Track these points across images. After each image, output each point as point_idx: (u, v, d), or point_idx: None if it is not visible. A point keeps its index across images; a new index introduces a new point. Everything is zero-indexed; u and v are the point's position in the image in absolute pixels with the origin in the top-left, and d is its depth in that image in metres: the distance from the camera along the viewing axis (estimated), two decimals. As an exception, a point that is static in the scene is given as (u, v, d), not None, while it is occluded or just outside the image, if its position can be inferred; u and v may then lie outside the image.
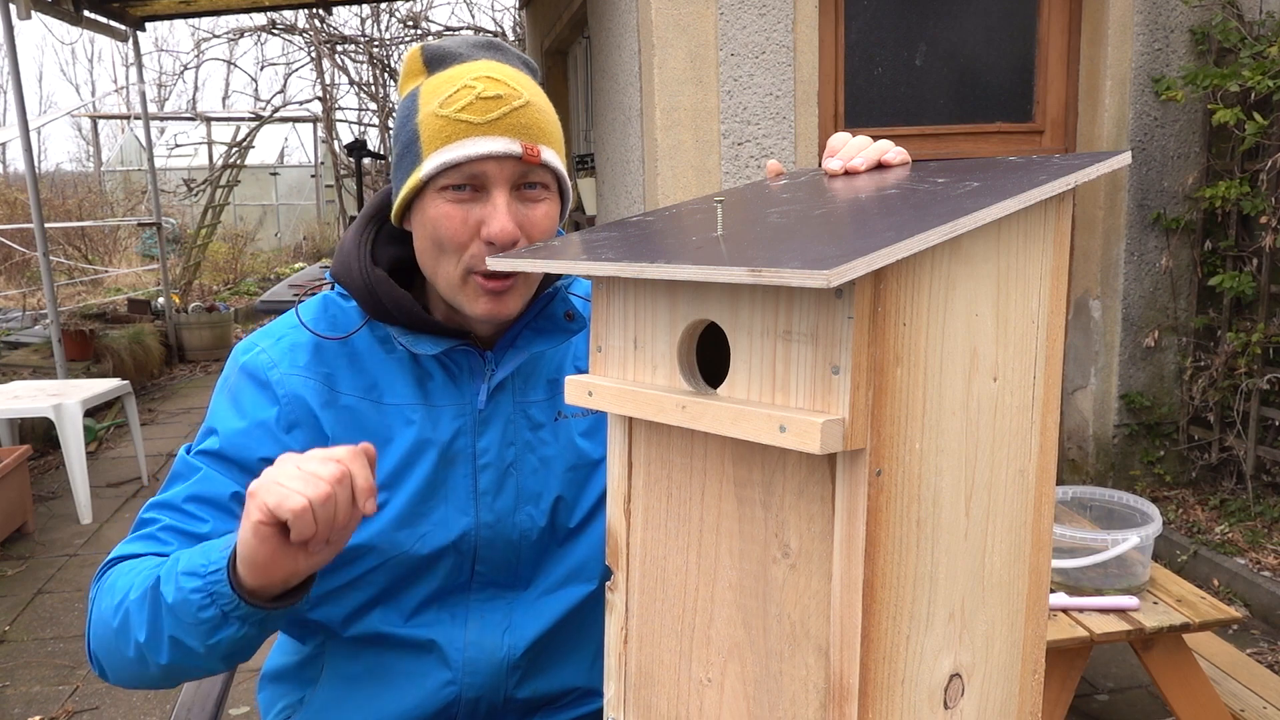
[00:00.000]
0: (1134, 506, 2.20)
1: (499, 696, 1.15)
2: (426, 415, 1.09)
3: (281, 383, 1.08)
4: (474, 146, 0.99)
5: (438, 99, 1.01)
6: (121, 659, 0.99)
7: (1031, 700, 0.78)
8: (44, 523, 4.35)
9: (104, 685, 2.96)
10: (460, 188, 1.01)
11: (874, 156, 0.84)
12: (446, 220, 1.01)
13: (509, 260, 0.77)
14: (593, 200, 5.31)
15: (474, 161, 1.00)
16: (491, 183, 1.01)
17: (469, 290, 1.04)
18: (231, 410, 1.09)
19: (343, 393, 1.09)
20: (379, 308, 1.07)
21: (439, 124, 1.00)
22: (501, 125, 1.00)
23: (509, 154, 1.00)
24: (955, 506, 0.67)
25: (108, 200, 13.73)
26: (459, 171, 1.00)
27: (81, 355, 6.40)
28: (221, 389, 1.13)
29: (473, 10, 24.62)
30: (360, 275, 1.08)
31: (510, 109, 1.01)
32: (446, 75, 1.03)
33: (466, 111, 0.99)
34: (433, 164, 1.00)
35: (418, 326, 1.08)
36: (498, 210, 1.01)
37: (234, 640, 0.92)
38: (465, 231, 1.02)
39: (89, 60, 39.88)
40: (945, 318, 0.64)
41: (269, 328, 1.15)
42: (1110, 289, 3.96)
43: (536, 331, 1.11)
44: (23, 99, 5.46)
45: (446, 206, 1.01)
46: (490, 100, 1.00)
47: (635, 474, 0.76)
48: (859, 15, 3.81)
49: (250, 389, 1.09)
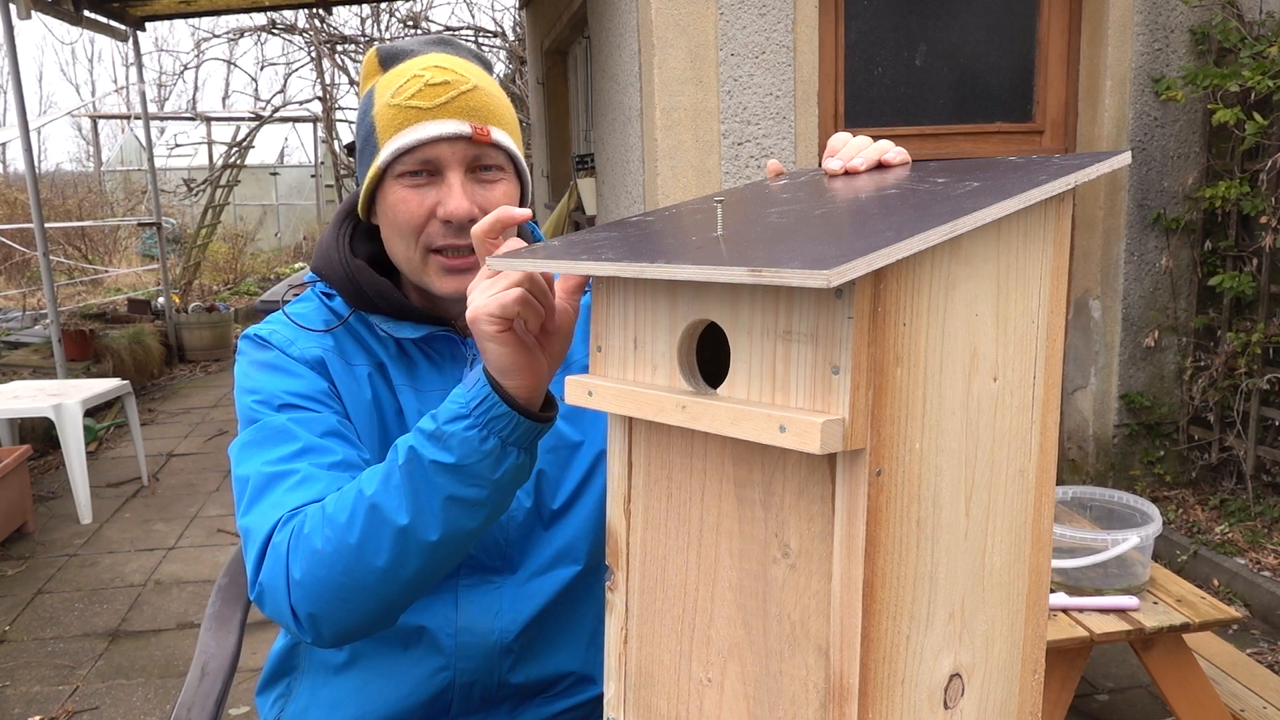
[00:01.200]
0: (1134, 506, 2.20)
1: (493, 681, 1.15)
2: (415, 398, 1.13)
3: (303, 354, 1.11)
4: (424, 130, 1.04)
5: (390, 91, 1.06)
6: (358, 586, 0.92)
7: (1031, 700, 0.78)
8: (44, 523, 4.35)
9: (104, 685, 2.95)
10: (416, 174, 1.06)
11: (874, 156, 0.84)
12: (403, 205, 1.06)
13: (510, 260, 0.76)
14: (593, 200, 5.31)
15: (425, 145, 1.04)
16: (445, 165, 1.06)
17: (431, 269, 1.08)
18: (274, 375, 1.09)
19: (356, 364, 1.13)
20: (361, 296, 1.12)
21: (391, 113, 1.05)
22: (450, 109, 1.05)
23: (459, 135, 1.05)
24: (955, 506, 0.67)
25: (108, 200, 13.72)
26: (412, 156, 1.05)
27: (81, 355, 6.40)
28: (250, 371, 1.11)
29: (473, 10, 24.64)
30: (341, 266, 1.12)
31: (458, 93, 1.05)
32: (399, 70, 1.08)
33: (416, 99, 1.04)
34: (388, 151, 1.05)
35: (399, 313, 1.12)
36: (452, 190, 1.05)
37: (515, 470, 0.89)
38: (421, 213, 1.06)
39: (89, 60, 39.91)
40: (945, 318, 0.64)
41: (266, 320, 1.17)
42: (1110, 289, 3.96)
43: None
44: (23, 99, 5.46)
45: (403, 192, 1.06)
46: (438, 86, 1.05)
47: (635, 474, 0.76)
48: (859, 15, 3.81)
49: (281, 359, 1.11)
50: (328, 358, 1.11)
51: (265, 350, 1.12)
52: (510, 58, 11.41)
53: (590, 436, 1.17)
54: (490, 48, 11.75)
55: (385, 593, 0.93)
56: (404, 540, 0.90)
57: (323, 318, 1.15)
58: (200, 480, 4.98)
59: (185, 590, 3.64)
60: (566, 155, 6.59)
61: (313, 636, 0.96)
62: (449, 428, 0.88)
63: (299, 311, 1.16)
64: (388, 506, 0.90)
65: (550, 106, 6.91)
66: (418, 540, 0.90)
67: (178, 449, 5.56)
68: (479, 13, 28.00)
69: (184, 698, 1.28)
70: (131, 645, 3.22)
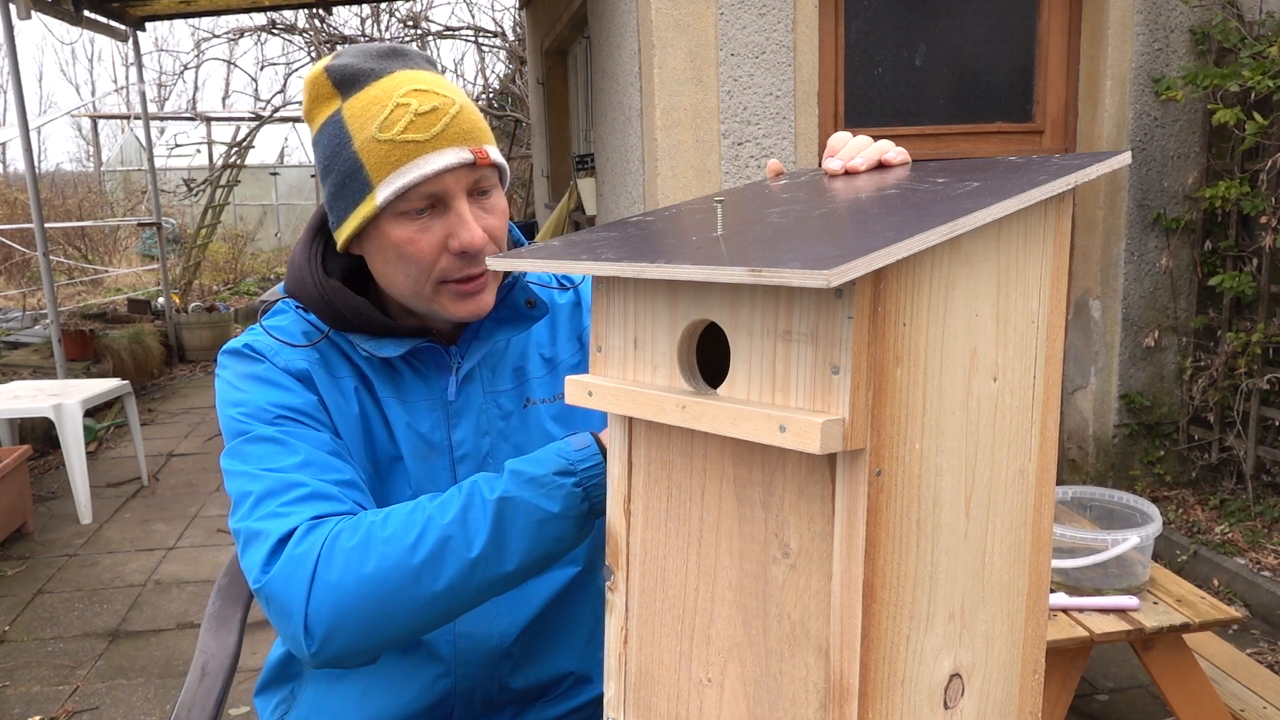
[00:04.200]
0: (1134, 506, 2.20)
1: (494, 686, 1.15)
2: (402, 409, 1.11)
3: (289, 366, 1.08)
4: (428, 165, 1.00)
5: (373, 123, 1.00)
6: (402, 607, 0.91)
7: (1031, 700, 0.78)
8: (44, 523, 4.35)
9: (104, 685, 2.95)
10: (420, 211, 1.02)
11: (874, 156, 0.84)
12: (411, 244, 1.02)
13: (510, 260, 0.76)
14: (593, 200, 5.31)
15: (430, 179, 1.00)
16: (450, 195, 1.02)
17: (443, 298, 1.06)
18: (265, 388, 1.06)
19: (340, 377, 1.10)
20: (338, 316, 1.08)
21: (384, 149, 1.00)
22: (446, 137, 1.01)
23: (462, 163, 1.01)
24: (955, 506, 0.67)
25: (108, 200, 13.72)
26: (417, 192, 1.01)
27: (81, 355, 6.40)
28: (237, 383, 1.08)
29: (473, 10, 24.63)
30: (315, 288, 1.09)
31: (450, 118, 1.02)
32: (369, 96, 1.02)
33: (410, 131, 1.00)
34: (389, 190, 1.00)
35: (377, 330, 1.08)
36: (464, 220, 1.02)
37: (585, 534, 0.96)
38: (433, 250, 1.03)
39: (89, 60, 39.87)
40: (945, 318, 0.64)
41: (246, 334, 1.14)
42: (1110, 289, 3.96)
43: (498, 321, 1.13)
44: (23, 99, 5.46)
45: (408, 230, 1.02)
46: (429, 115, 1.01)
47: (635, 474, 0.76)
48: (859, 15, 3.81)
49: (271, 371, 1.08)
50: (313, 370, 1.08)
51: (254, 363, 1.08)
52: (510, 58, 11.40)
53: None
54: (490, 48, 11.76)
55: (423, 618, 0.93)
56: (471, 570, 0.91)
57: (301, 329, 1.11)
58: (200, 480, 4.98)
59: (185, 590, 3.64)
60: (566, 155, 6.59)
61: (316, 648, 0.92)
62: (560, 479, 0.92)
63: (277, 325, 1.12)
64: (462, 538, 0.91)
65: (550, 106, 6.92)
66: (487, 571, 0.92)
67: (178, 449, 5.56)
68: (479, 13, 27.98)
69: (184, 698, 1.28)
70: (131, 645, 3.22)
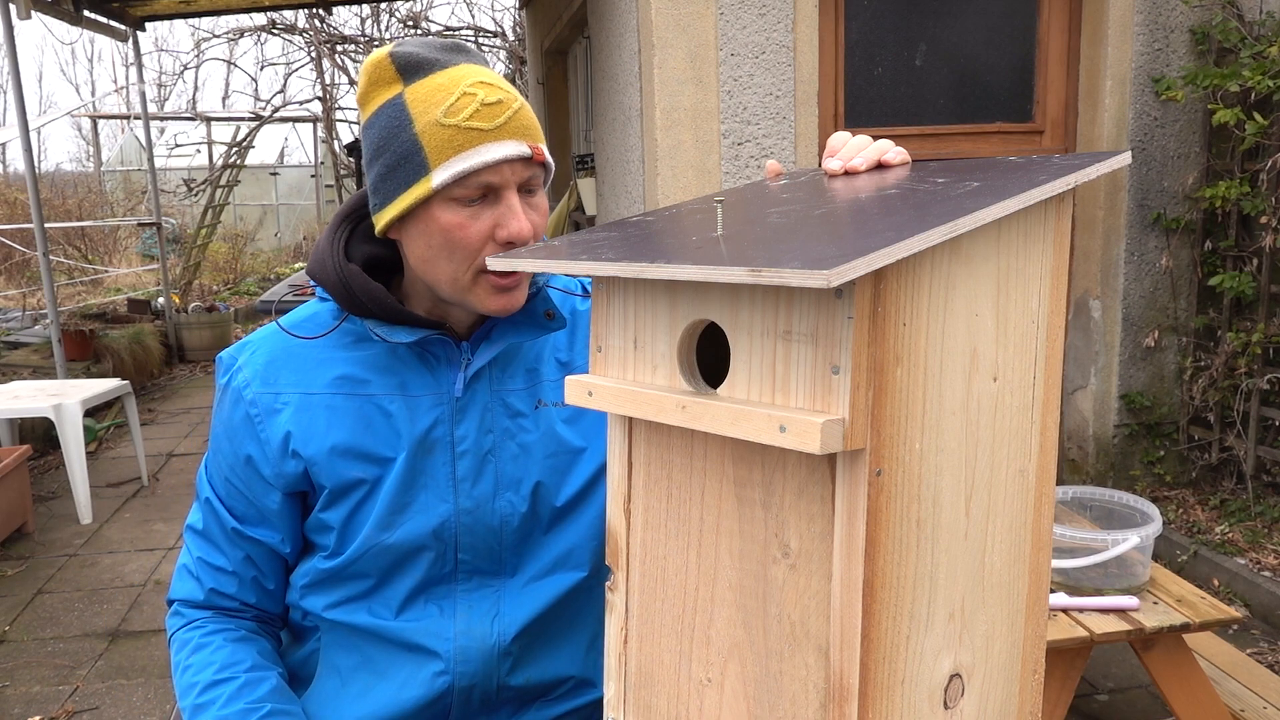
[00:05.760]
0: (1134, 506, 2.20)
1: (492, 685, 1.15)
2: (404, 404, 1.12)
3: (255, 401, 1.14)
4: (489, 153, 1.02)
5: (439, 108, 1.02)
6: None
7: (1031, 700, 0.78)
8: (44, 523, 4.35)
9: (104, 685, 2.96)
10: (472, 200, 1.04)
11: (874, 156, 0.84)
12: (460, 229, 1.04)
13: (509, 260, 0.77)
14: (593, 200, 5.31)
15: (489, 168, 1.03)
16: (504, 186, 1.04)
17: (480, 290, 1.07)
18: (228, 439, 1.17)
19: (317, 392, 1.12)
20: (353, 301, 1.10)
21: (448, 134, 1.02)
22: (508, 129, 1.03)
23: (520, 156, 1.04)
24: (955, 506, 0.67)
25: (108, 200, 13.73)
26: (475, 179, 1.03)
27: (81, 355, 6.39)
28: (217, 412, 1.20)
29: (473, 10, 24.63)
30: (334, 270, 1.11)
31: (513, 112, 1.04)
32: (434, 83, 1.04)
33: (475, 119, 1.02)
34: (446, 173, 1.02)
35: (392, 318, 1.10)
36: (514, 211, 1.04)
37: None
38: (481, 237, 1.05)
39: (89, 60, 39.88)
40: (945, 318, 0.64)
41: (249, 338, 1.19)
42: (1110, 289, 3.96)
43: (512, 325, 1.13)
44: (23, 99, 5.46)
45: (458, 215, 1.04)
46: (494, 106, 1.03)
47: (635, 474, 0.76)
48: (859, 15, 3.81)
49: (223, 391, 1.18)
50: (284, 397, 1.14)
51: (219, 379, 1.18)
52: (510, 58, 11.40)
53: (595, 443, 1.16)
54: (490, 48, 11.75)
55: None
56: None
57: (335, 317, 1.15)
58: (200, 480, 4.97)
59: (185, 590, 3.64)
60: (566, 155, 6.59)
61: None
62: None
63: (298, 319, 1.16)
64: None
65: (550, 106, 6.91)
66: None
67: (178, 449, 5.56)
68: (479, 13, 27.99)
69: (184, 698, 1.28)
70: (131, 645, 3.22)
